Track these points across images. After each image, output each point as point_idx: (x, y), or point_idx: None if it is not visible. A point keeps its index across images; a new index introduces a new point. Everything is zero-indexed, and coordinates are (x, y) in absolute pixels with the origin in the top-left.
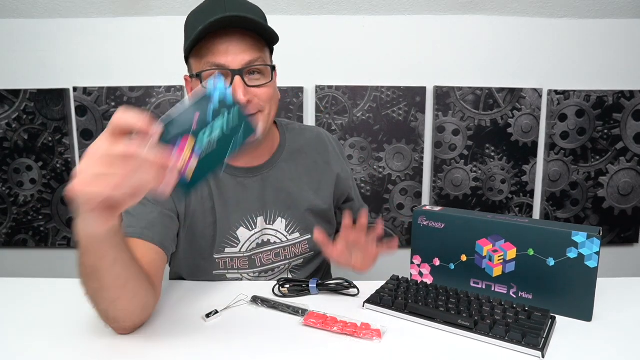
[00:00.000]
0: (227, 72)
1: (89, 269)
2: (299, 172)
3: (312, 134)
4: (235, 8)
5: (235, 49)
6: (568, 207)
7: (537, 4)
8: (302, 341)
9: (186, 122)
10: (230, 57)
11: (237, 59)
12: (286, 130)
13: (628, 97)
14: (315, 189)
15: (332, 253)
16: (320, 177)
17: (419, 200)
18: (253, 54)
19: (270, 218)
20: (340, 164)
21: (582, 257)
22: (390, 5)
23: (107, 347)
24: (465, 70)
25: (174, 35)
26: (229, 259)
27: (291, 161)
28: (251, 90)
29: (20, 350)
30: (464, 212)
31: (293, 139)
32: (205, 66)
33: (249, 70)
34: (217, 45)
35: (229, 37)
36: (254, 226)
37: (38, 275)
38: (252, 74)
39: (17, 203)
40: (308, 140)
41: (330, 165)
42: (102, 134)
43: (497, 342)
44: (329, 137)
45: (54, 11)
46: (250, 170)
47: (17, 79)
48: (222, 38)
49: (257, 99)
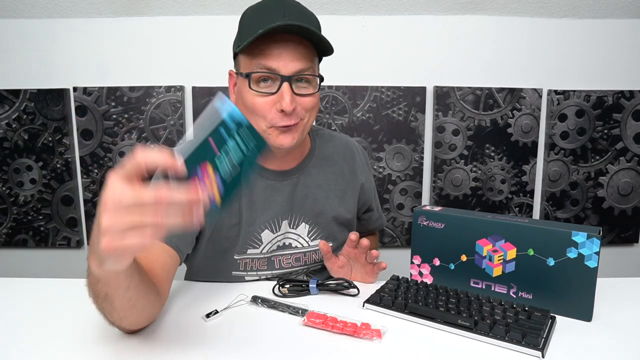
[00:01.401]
0: (276, 77)
1: (101, 295)
2: (327, 180)
3: (341, 142)
4: (295, 15)
5: (288, 55)
6: (568, 207)
7: (537, 4)
8: (302, 341)
9: (203, 150)
10: (282, 62)
11: (289, 65)
12: (316, 135)
13: (628, 97)
14: (340, 197)
15: (332, 265)
16: (346, 186)
17: (419, 200)
18: (304, 63)
19: (294, 222)
20: (366, 174)
21: (582, 257)
22: (390, 5)
23: (107, 347)
24: (465, 70)
25: (174, 35)
26: (249, 260)
27: (320, 167)
28: (297, 98)
29: (20, 350)
30: (464, 212)
31: (323, 145)
32: (256, 68)
33: (297, 78)
34: (271, 49)
35: (284, 42)
36: (278, 229)
37: (38, 275)
38: (300, 82)
39: (17, 203)
40: (337, 147)
41: (356, 174)
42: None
43: (497, 342)
44: (357, 146)
45: (54, 11)
46: (281, 173)
47: (17, 79)
48: (277, 42)
49: (301, 107)
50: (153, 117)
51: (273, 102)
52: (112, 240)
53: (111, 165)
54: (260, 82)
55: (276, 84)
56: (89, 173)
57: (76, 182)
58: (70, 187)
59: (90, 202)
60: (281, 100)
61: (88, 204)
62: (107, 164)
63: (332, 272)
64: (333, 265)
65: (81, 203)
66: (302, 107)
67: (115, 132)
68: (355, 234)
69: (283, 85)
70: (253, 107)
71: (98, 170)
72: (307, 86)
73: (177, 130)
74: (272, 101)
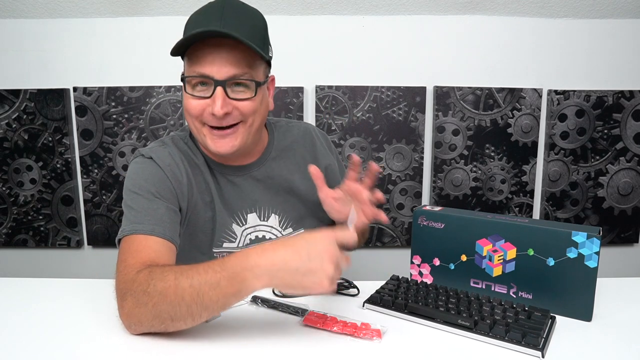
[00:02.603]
0: (210, 81)
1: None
2: (289, 169)
3: (299, 130)
4: (232, 20)
5: (222, 60)
6: (568, 207)
7: (537, 4)
8: (302, 341)
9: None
10: (215, 68)
11: (222, 70)
12: (274, 128)
13: (628, 97)
14: (305, 183)
15: (326, 196)
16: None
17: (419, 200)
18: (239, 68)
19: (264, 215)
20: (328, 157)
21: (582, 257)
22: (390, 5)
23: (107, 347)
24: (465, 70)
25: (174, 35)
26: (226, 254)
27: (280, 159)
28: (232, 102)
29: (20, 350)
30: (464, 212)
31: (281, 137)
32: (192, 73)
33: (234, 82)
34: (205, 54)
35: (219, 47)
36: (244, 222)
37: (38, 275)
38: (237, 86)
39: (17, 203)
40: (295, 136)
41: (318, 158)
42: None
43: (497, 342)
44: (316, 131)
45: (54, 11)
46: (238, 168)
47: (17, 79)
48: (211, 47)
49: (237, 111)
50: (153, 117)
51: (207, 105)
52: (333, 284)
53: (111, 165)
54: (196, 85)
55: (211, 88)
56: (89, 173)
57: (76, 182)
58: (70, 187)
59: (90, 202)
60: (213, 104)
61: (88, 204)
62: (107, 164)
63: (325, 204)
64: (327, 195)
65: (81, 203)
66: (238, 111)
67: (115, 132)
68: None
69: (216, 90)
70: (188, 109)
71: (98, 170)
72: (244, 90)
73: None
74: (205, 104)
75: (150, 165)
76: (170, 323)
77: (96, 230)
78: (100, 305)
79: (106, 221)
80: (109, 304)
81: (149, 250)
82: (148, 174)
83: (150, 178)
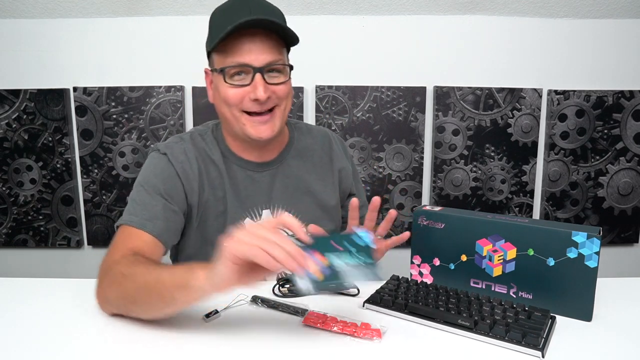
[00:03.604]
0: (249, 69)
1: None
2: (307, 169)
3: (318, 133)
4: (259, 10)
5: (258, 49)
6: (568, 207)
7: (537, 4)
8: (302, 341)
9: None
10: (253, 56)
11: (260, 58)
12: (294, 128)
13: (628, 97)
14: (321, 185)
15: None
16: (325, 174)
17: (419, 200)
18: (274, 55)
19: (277, 212)
20: (343, 161)
21: (582, 257)
22: (390, 5)
23: (107, 347)
24: (465, 70)
25: (174, 35)
26: None
27: (299, 158)
28: (270, 87)
29: (20, 351)
30: (464, 212)
31: (300, 138)
32: (230, 63)
33: (269, 69)
34: (241, 45)
35: (253, 37)
36: (258, 218)
37: (38, 275)
38: (272, 72)
39: (17, 203)
40: (315, 139)
41: (334, 161)
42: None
43: (497, 342)
44: (334, 135)
45: (54, 11)
46: (260, 165)
47: (17, 79)
48: (246, 38)
49: (275, 95)
50: (153, 117)
51: (247, 93)
52: (236, 241)
53: (111, 165)
54: (234, 75)
55: (249, 76)
56: (89, 173)
57: (76, 182)
58: (70, 187)
59: (90, 202)
60: (255, 90)
61: (88, 204)
62: (107, 164)
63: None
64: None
65: (81, 203)
66: (275, 95)
67: (115, 132)
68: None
69: (256, 77)
70: (227, 99)
71: (98, 170)
72: (278, 75)
73: (177, 130)
74: (245, 92)
75: (163, 161)
76: (131, 307)
77: (96, 230)
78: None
79: (106, 221)
80: None
81: (138, 242)
82: (159, 170)
83: (160, 174)
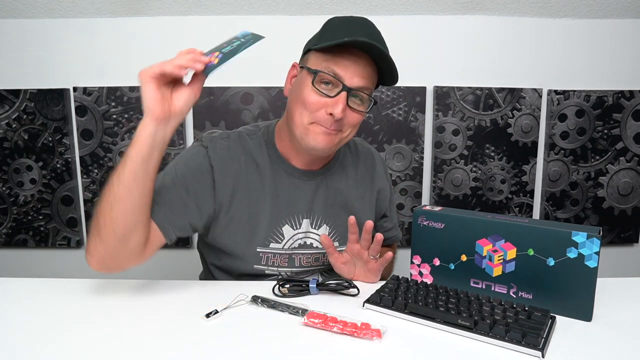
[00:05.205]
0: (339, 84)
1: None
2: (348, 185)
3: (363, 149)
4: (374, 38)
5: (356, 70)
6: (568, 207)
7: (537, 4)
8: (302, 341)
9: (217, 47)
10: (349, 74)
11: (354, 79)
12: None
13: (628, 97)
14: (360, 202)
15: (336, 261)
16: (365, 191)
17: (419, 200)
18: (367, 82)
19: (316, 222)
20: (383, 182)
21: (582, 257)
22: (390, 5)
23: (107, 347)
24: (465, 70)
25: (174, 35)
26: (271, 255)
27: (342, 173)
28: (348, 110)
29: (20, 351)
30: (464, 212)
31: (347, 153)
32: (325, 69)
33: (355, 93)
34: (344, 58)
35: (358, 58)
36: (298, 226)
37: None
38: (356, 97)
39: (17, 203)
40: (360, 155)
41: (374, 180)
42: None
43: (497, 342)
44: (377, 155)
45: (54, 11)
46: (306, 173)
47: (17, 79)
48: (353, 55)
49: (347, 119)
50: None
51: (325, 104)
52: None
53: (111, 165)
54: (322, 83)
55: (336, 90)
56: (89, 173)
57: (76, 182)
58: (70, 187)
59: (90, 202)
60: (335, 105)
61: (88, 204)
62: (107, 164)
63: (335, 268)
64: (336, 261)
65: (81, 203)
66: (347, 119)
67: (115, 132)
68: (355, 231)
69: (341, 94)
70: (306, 102)
71: (98, 170)
72: (360, 103)
73: (176, 130)
74: (324, 103)
75: (200, 154)
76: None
77: None
78: (100, 306)
79: None
80: (109, 304)
81: None
82: (193, 163)
83: (192, 167)
